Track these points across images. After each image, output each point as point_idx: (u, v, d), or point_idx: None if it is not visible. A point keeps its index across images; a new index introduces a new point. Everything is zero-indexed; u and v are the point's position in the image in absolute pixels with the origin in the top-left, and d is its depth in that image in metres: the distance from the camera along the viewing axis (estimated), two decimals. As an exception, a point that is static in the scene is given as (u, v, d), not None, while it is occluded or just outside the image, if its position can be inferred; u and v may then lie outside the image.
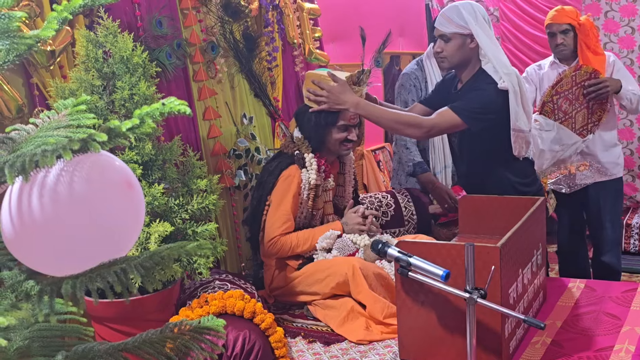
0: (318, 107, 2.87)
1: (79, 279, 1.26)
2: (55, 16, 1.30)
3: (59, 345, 1.49)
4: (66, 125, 1.24)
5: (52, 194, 1.22)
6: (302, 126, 2.99)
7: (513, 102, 2.78)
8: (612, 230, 3.69)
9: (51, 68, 2.40)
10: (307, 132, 2.95)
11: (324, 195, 2.99)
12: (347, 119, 2.91)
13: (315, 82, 2.88)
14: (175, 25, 2.94)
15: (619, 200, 3.75)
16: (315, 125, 2.90)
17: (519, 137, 2.86)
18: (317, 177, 2.88)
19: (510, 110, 2.79)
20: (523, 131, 2.85)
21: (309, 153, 2.90)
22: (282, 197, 2.84)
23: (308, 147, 2.92)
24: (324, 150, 2.97)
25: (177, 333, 1.48)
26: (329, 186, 2.99)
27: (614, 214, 3.72)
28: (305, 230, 2.89)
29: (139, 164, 2.34)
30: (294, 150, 2.93)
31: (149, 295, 2.26)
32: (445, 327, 2.18)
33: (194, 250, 1.37)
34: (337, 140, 2.93)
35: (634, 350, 2.16)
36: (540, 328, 1.88)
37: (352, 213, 2.97)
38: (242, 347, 2.14)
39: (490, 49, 2.83)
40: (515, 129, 2.83)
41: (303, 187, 2.87)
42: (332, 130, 2.92)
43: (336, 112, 2.87)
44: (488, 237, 2.59)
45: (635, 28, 4.99)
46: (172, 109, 1.21)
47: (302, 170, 2.88)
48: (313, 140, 2.93)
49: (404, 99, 3.85)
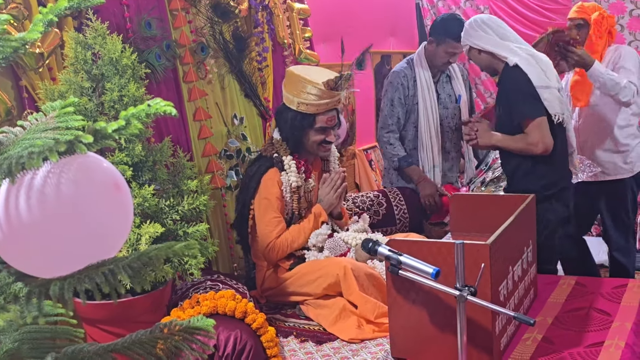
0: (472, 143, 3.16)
1: (67, 280, 1.26)
2: (40, 18, 1.30)
3: (49, 347, 1.49)
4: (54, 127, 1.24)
5: (40, 196, 1.22)
6: (280, 126, 2.98)
7: (528, 64, 2.93)
8: (614, 229, 3.71)
9: (40, 70, 2.40)
10: (285, 132, 2.94)
11: (307, 196, 2.99)
12: (324, 121, 2.91)
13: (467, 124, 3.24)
14: (165, 26, 2.94)
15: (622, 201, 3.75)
16: (292, 127, 2.90)
17: (548, 94, 2.92)
18: (297, 179, 2.88)
19: (529, 73, 2.91)
20: (551, 87, 2.93)
21: (287, 155, 2.91)
22: (267, 202, 2.85)
23: (286, 149, 2.92)
24: (303, 151, 2.98)
25: (167, 333, 1.48)
26: (310, 187, 3.00)
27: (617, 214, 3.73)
28: (293, 226, 2.90)
29: (129, 165, 2.33)
30: (272, 153, 2.92)
31: (140, 297, 2.26)
32: (436, 324, 2.19)
33: (182, 250, 1.37)
34: (314, 142, 2.94)
35: (623, 345, 2.18)
36: (530, 324, 1.89)
37: (321, 187, 3.00)
38: (233, 347, 2.15)
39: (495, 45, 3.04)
40: (540, 85, 2.91)
41: (284, 190, 2.87)
42: (309, 132, 2.92)
43: (313, 113, 2.88)
44: (479, 235, 2.59)
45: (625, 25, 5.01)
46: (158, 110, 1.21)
47: (282, 173, 2.88)
48: (291, 141, 2.93)
49: (391, 97, 3.85)
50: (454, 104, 3.95)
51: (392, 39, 5.58)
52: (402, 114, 3.83)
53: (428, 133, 3.83)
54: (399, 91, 3.82)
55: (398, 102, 3.83)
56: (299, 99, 2.86)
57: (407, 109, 3.85)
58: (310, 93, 2.84)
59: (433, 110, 3.84)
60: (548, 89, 2.91)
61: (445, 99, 3.92)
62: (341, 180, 3.00)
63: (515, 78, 2.95)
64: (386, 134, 3.83)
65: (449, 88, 3.96)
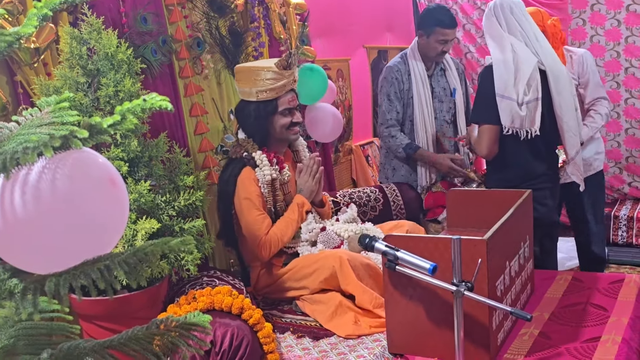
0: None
1: (63, 276, 1.25)
2: (35, 13, 1.29)
3: (45, 343, 1.49)
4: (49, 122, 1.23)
5: (35, 192, 1.21)
6: (244, 123, 2.97)
7: (501, 70, 2.90)
8: (594, 223, 3.72)
9: (35, 65, 2.38)
10: (250, 127, 2.94)
11: (284, 188, 2.98)
12: (286, 102, 2.93)
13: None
14: (161, 21, 2.93)
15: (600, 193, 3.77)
16: (257, 118, 2.90)
17: (504, 105, 2.89)
18: (271, 172, 2.87)
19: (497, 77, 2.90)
20: (509, 98, 2.89)
21: (257, 151, 2.90)
22: (248, 202, 2.83)
23: (254, 145, 2.91)
24: (272, 142, 2.97)
25: (163, 329, 1.47)
26: (286, 178, 2.98)
27: (597, 208, 3.74)
28: (279, 221, 2.88)
29: (125, 161, 2.33)
30: (241, 153, 2.91)
31: (136, 293, 2.25)
32: (433, 320, 2.19)
33: (178, 246, 1.37)
34: (283, 126, 2.94)
35: (620, 340, 2.18)
36: (527, 319, 1.90)
37: (298, 177, 2.99)
38: (230, 342, 2.14)
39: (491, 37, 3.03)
40: (499, 94, 2.89)
41: (262, 186, 2.86)
42: (275, 117, 2.92)
43: (274, 99, 2.90)
44: (476, 230, 2.59)
45: (621, 20, 5.01)
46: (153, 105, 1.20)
47: (256, 169, 2.87)
48: (257, 135, 2.92)
49: (387, 92, 3.86)
50: (449, 97, 3.96)
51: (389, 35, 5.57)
52: (400, 108, 3.84)
53: (423, 126, 3.84)
54: (394, 86, 3.83)
55: (395, 96, 3.83)
56: (257, 88, 2.87)
57: (402, 103, 3.85)
58: (266, 79, 2.86)
59: (428, 103, 3.84)
60: (504, 100, 2.89)
61: (440, 93, 3.93)
62: (317, 165, 2.99)
63: (485, 78, 2.97)
64: (386, 129, 3.84)
65: (444, 81, 3.96)
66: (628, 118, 5.14)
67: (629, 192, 5.30)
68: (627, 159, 5.24)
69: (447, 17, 3.76)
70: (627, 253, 4.87)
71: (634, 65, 5.04)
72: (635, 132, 5.15)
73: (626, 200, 5.31)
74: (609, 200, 5.31)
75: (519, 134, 2.93)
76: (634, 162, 5.22)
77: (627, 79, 5.09)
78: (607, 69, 5.11)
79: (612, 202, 5.29)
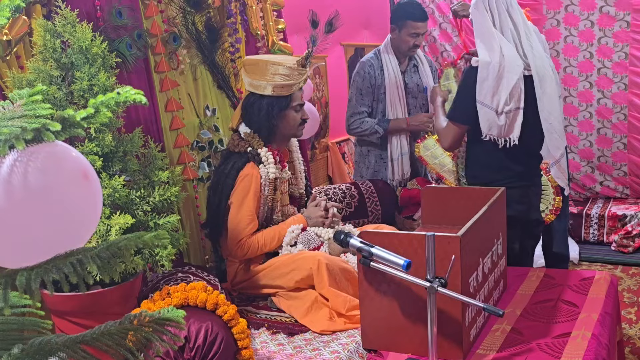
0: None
1: (34, 270, 1.24)
2: (7, 4, 1.28)
3: (16, 338, 1.47)
4: (21, 115, 1.22)
5: (6, 185, 1.20)
6: (251, 117, 2.92)
7: (483, 75, 2.83)
8: (557, 221, 3.77)
9: (7, 58, 2.35)
10: (258, 122, 2.90)
11: (282, 187, 2.98)
12: (298, 98, 2.95)
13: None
14: (136, 15, 2.90)
15: None
16: (267, 113, 2.87)
17: (483, 113, 2.86)
18: (275, 170, 2.87)
19: (478, 82, 2.84)
20: (487, 105, 2.84)
21: (262, 147, 2.88)
22: (243, 197, 2.81)
23: (259, 141, 2.89)
24: (275, 139, 2.96)
25: (137, 324, 1.47)
26: (286, 177, 2.99)
27: None
28: (269, 229, 2.87)
29: (99, 155, 2.30)
30: (245, 147, 2.89)
31: (109, 289, 2.23)
32: (407, 316, 2.20)
33: (153, 240, 1.36)
34: (295, 122, 2.95)
35: (590, 336, 2.21)
36: (499, 315, 1.92)
37: (314, 206, 2.96)
38: (204, 338, 2.13)
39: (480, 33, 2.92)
40: (479, 100, 2.85)
41: (263, 183, 2.85)
42: (287, 113, 2.92)
43: (288, 94, 2.89)
44: (450, 227, 2.61)
45: (595, 22, 5.08)
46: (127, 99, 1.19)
47: (260, 166, 2.85)
48: (263, 131, 2.90)
49: (358, 86, 3.91)
50: (422, 94, 3.99)
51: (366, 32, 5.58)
52: (370, 102, 3.87)
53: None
54: (365, 80, 3.87)
55: (366, 91, 3.87)
56: (274, 83, 2.85)
57: (374, 98, 3.88)
58: (284, 74, 2.85)
59: (401, 98, 3.88)
60: (483, 108, 2.84)
61: (414, 89, 3.97)
62: (332, 216, 2.96)
63: (468, 77, 2.93)
64: (357, 120, 3.87)
65: (417, 78, 4.00)
66: (600, 118, 5.21)
67: (600, 191, 5.39)
68: (599, 159, 5.32)
69: (417, 11, 3.79)
70: (599, 251, 4.95)
71: (607, 65, 5.11)
72: (607, 131, 5.22)
73: (597, 199, 5.39)
74: (581, 199, 5.39)
75: (497, 141, 2.89)
76: (605, 161, 5.30)
77: (599, 80, 5.16)
78: (580, 69, 5.18)
79: (583, 200, 5.37)
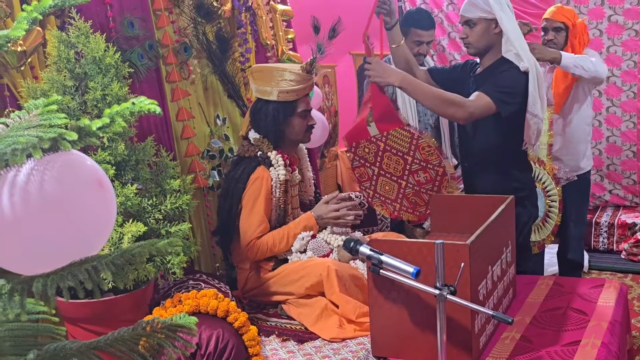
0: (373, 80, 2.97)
1: (50, 277, 1.27)
2: (24, 16, 1.30)
3: (31, 344, 1.50)
4: (37, 124, 1.24)
5: (23, 193, 1.22)
6: (258, 123, 2.95)
7: (531, 85, 2.80)
8: (575, 228, 3.77)
9: (22, 69, 2.39)
10: (265, 128, 2.93)
11: (292, 190, 3.00)
12: (305, 104, 2.96)
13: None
14: (148, 26, 2.94)
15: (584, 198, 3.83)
16: (274, 118, 2.90)
17: (533, 123, 2.84)
18: (286, 173, 2.89)
19: (529, 92, 2.80)
20: (537, 116, 2.84)
21: (272, 151, 2.90)
22: (254, 200, 2.83)
23: (269, 145, 2.91)
24: (284, 144, 2.98)
25: (149, 331, 1.49)
26: (296, 180, 3.01)
27: (579, 213, 3.80)
28: (279, 230, 2.89)
29: (112, 164, 2.34)
30: (255, 152, 2.92)
31: (122, 296, 2.26)
32: (417, 323, 2.21)
33: (165, 247, 1.38)
34: (301, 128, 2.97)
35: (599, 344, 2.21)
36: (509, 323, 1.92)
37: (323, 204, 2.96)
38: (215, 345, 2.15)
39: (513, 34, 2.84)
40: (530, 112, 2.82)
41: (274, 185, 2.87)
42: (293, 119, 2.94)
43: (294, 100, 2.91)
44: (459, 235, 2.62)
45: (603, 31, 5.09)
46: (142, 108, 1.22)
47: (270, 169, 2.88)
48: (272, 136, 2.93)
49: None
50: None
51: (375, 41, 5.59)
52: None
53: None
54: None
55: None
56: (279, 89, 2.88)
57: None
58: (290, 80, 2.88)
59: (412, 106, 3.88)
60: (534, 118, 2.83)
61: None
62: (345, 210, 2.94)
63: (519, 81, 2.82)
64: None
65: None
66: (609, 126, 5.21)
67: (610, 200, 5.38)
68: (608, 167, 5.31)
69: (423, 19, 3.80)
70: (608, 259, 4.94)
71: (615, 74, 5.12)
72: (616, 140, 5.22)
73: (607, 208, 5.38)
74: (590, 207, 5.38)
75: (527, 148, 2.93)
76: (614, 169, 5.29)
77: (608, 88, 5.16)
78: (589, 77, 5.18)
79: (593, 209, 5.36)
